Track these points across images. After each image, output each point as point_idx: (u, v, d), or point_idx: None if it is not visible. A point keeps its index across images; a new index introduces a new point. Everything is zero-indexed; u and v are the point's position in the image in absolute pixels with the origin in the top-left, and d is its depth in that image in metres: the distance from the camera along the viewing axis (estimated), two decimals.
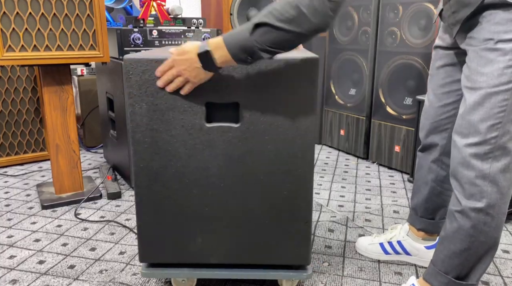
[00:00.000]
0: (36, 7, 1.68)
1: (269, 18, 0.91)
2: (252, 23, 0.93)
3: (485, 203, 1.02)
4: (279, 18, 0.90)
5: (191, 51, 0.99)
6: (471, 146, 1.01)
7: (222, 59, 0.97)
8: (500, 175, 1.00)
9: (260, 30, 0.92)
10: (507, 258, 1.53)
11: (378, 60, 2.48)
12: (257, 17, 0.93)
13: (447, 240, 1.11)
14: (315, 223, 1.77)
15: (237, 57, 0.96)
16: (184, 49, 1.00)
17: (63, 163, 1.95)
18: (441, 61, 1.24)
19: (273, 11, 0.91)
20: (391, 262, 1.49)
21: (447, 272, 1.12)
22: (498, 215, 1.03)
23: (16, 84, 2.38)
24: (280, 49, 0.95)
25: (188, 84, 1.05)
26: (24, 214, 1.86)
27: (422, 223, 1.43)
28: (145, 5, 2.37)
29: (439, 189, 1.36)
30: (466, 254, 1.08)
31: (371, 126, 2.59)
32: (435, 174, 1.35)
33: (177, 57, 1.01)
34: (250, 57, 0.96)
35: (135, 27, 2.15)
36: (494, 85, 0.96)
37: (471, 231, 1.05)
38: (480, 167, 1.01)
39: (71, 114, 1.93)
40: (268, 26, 0.91)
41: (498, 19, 0.95)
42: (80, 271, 1.43)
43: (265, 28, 0.92)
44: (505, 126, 0.97)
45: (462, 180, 1.04)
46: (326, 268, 1.45)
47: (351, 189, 2.18)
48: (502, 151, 0.99)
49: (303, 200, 1.16)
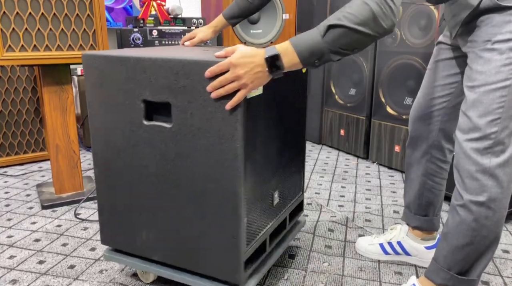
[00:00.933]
0: (36, 7, 1.68)
1: (343, 20, 0.92)
2: (325, 25, 0.94)
3: (486, 197, 1.04)
4: (354, 21, 0.92)
5: (257, 55, 0.96)
6: (471, 141, 1.04)
7: (290, 63, 0.96)
8: (500, 170, 1.03)
9: (334, 32, 0.93)
10: (507, 258, 1.53)
11: (378, 60, 2.48)
12: (329, 20, 0.94)
13: (450, 235, 1.12)
14: (315, 223, 1.77)
15: (306, 61, 0.96)
16: (248, 52, 0.96)
17: (63, 163, 1.95)
18: (442, 55, 1.28)
19: (347, 14, 0.93)
20: (391, 262, 1.49)
21: (449, 268, 1.13)
22: (499, 209, 1.05)
23: (16, 84, 2.38)
24: (350, 50, 0.96)
25: (242, 91, 0.97)
26: (24, 214, 1.86)
27: (416, 221, 1.44)
28: (145, 5, 2.37)
29: (430, 183, 1.37)
30: (468, 249, 1.09)
31: (371, 126, 2.59)
32: (424, 168, 1.37)
33: (238, 60, 0.95)
34: (318, 61, 0.96)
35: (135, 27, 2.15)
36: (492, 82, 1.00)
37: (473, 225, 1.07)
38: (480, 161, 1.03)
39: (71, 114, 1.93)
40: (344, 28, 0.92)
41: (494, 22, 1.00)
42: (80, 271, 1.43)
43: (340, 30, 0.93)
44: (504, 121, 1.01)
45: (463, 174, 1.07)
46: (326, 268, 1.45)
47: (351, 189, 2.18)
48: (502, 146, 1.02)
49: (231, 213, 1.06)
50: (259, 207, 1.18)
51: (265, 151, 1.17)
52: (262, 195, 1.18)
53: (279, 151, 1.26)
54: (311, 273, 1.42)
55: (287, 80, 1.24)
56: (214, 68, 0.98)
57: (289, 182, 1.37)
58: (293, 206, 1.42)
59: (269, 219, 1.25)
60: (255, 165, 1.12)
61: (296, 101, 1.33)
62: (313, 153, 2.82)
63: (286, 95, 1.25)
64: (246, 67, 0.95)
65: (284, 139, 1.29)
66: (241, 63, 0.95)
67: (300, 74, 1.33)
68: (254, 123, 1.08)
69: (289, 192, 1.38)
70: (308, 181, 2.29)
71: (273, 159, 1.23)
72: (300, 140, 1.41)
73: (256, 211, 1.16)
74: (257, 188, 1.15)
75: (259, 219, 1.18)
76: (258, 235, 1.19)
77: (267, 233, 1.23)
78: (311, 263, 1.48)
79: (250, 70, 0.95)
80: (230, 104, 0.98)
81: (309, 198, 2.05)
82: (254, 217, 1.15)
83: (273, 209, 1.27)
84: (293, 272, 1.42)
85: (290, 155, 1.34)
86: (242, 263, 1.10)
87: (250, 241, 1.14)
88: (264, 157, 1.17)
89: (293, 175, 1.39)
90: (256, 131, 1.10)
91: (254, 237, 1.16)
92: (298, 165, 1.43)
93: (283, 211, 1.34)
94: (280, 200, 1.31)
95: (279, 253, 1.33)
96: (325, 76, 2.89)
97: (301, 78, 1.34)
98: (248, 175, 1.07)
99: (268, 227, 1.24)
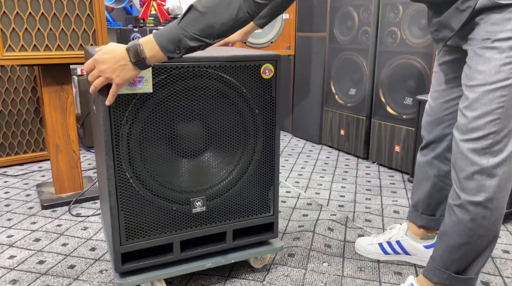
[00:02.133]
0: (36, 7, 1.68)
1: (196, 4, 0.94)
2: (184, 11, 0.96)
3: (483, 197, 1.04)
4: (204, 5, 0.93)
5: (119, 48, 0.98)
6: (469, 141, 1.04)
7: (151, 52, 0.97)
8: (498, 169, 1.02)
9: (188, 16, 0.95)
10: (507, 258, 1.53)
11: (378, 60, 2.48)
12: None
13: (446, 235, 1.12)
14: (315, 222, 1.77)
15: (165, 49, 0.96)
16: (110, 47, 0.98)
17: (63, 162, 1.95)
18: (444, 57, 1.26)
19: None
20: (391, 262, 1.49)
21: (446, 267, 1.13)
22: (497, 209, 1.05)
23: (16, 84, 2.38)
24: (206, 38, 0.96)
25: (113, 86, 1.00)
26: (24, 214, 1.86)
27: (423, 220, 1.43)
28: (145, 5, 2.37)
29: (441, 184, 1.37)
30: (465, 248, 1.09)
31: (371, 126, 2.59)
32: (437, 169, 1.36)
33: (100, 56, 0.98)
34: (178, 48, 0.96)
35: (135, 27, 2.15)
36: (491, 82, 0.99)
37: (470, 225, 1.06)
38: (478, 161, 1.03)
39: (71, 114, 1.93)
40: (195, 11, 0.94)
41: (494, 20, 0.98)
42: (80, 271, 1.43)
43: (192, 13, 0.94)
44: (503, 121, 1.00)
45: (460, 174, 1.06)
46: (326, 268, 1.45)
47: (351, 189, 2.18)
48: (500, 145, 1.01)
49: (109, 205, 1.15)
50: (160, 207, 1.18)
51: (168, 155, 1.17)
52: (168, 197, 1.19)
53: (209, 163, 1.23)
54: (311, 272, 1.42)
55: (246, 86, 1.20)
56: (85, 65, 1.02)
57: (239, 197, 1.29)
58: (247, 224, 1.32)
59: (183, 225, 1.23)
60: (149, 166, 1.15)
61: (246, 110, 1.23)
62: (313, 153, 2.81)
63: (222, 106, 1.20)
64: (109, 62, 0.97)
65: (225, 152, 1.24)
66: (104, 59, 0.97)
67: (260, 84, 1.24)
68: (146, 122, 1.11)
69: (234, 207, 1.29)
70: (308, 181, 2.29)
71: (197, 168, 1.22)
72: (268, 156, 1.29)
73: (149, 209, 1.17)
74: (158, 188, 1.17)
75: (158, 218, 1.19)
76: (150, 233, 1.19)
77: (176, 238, 1.22)
78: (310, 262, 1.48)
79: (112, 64, 0.97)
80: (108, 100, 1.02)
81: (309, 198, 2.05)
82: (145, 214, 1.17)
83: (196, 216, 1.24)
84: (293, 270, 1.42)
85: (239, 171, 1.26)
86: (119, 253, 1.17)
87: (133, 236, 1.18)
88: (169, 161, 1.17)
89: (245, 192, 1.29)
90: (151, 132, 1.13)
91: (142, 234, 1.18)
92: (259, 184, 1.30)
93: (217, 223, 1.28)
94: (212, 211, 1.26)
95: (205, 265, 1.29)
96: (325, 76, 2.89)
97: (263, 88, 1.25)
98: (129, 171, 1.12)
99: (185, 233, 1.24)
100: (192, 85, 1.14)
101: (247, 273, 1.42)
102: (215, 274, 1.41)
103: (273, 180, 1.32)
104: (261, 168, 1.29)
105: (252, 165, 1.27)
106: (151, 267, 1.24)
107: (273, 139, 1.29)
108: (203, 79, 1.15)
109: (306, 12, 2.97)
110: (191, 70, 1.12)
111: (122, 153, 1.10)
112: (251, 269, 1.44)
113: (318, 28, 2.88)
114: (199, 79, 1.14)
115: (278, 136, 1.29)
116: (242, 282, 1.37)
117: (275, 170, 1.31)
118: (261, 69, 1.21)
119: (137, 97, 1.08)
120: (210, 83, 1.16)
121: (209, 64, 1.14)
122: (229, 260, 1.32)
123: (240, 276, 1.40)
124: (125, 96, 1.07)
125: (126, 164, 1.12)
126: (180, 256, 1.25)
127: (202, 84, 1.15)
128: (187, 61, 1.11)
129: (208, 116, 1.19)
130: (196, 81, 1.14)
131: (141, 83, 1.07)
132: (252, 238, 1.35)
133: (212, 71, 1.15)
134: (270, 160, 1.30)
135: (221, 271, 1.43)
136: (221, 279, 1.39)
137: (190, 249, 1.27)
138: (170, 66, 1.10)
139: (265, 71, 1.22)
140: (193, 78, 1.13)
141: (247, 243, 1.35)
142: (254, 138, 1.26)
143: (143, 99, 1.09)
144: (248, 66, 1.19)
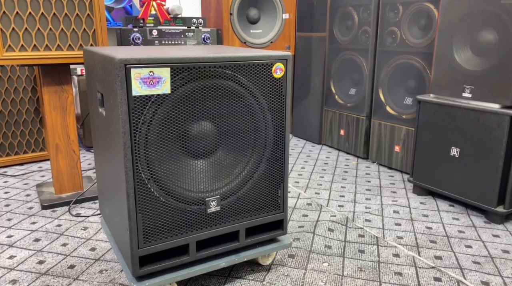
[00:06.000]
0: (36, 7, 1.68)
1: None
2: None
3: None
4: None
5: None
6: None
7: None
8: None
9: None
10: (507, 258, 1.53)
11: (378, 60, 2.48)
12: None
13: None
14: (315, 223, 1.77)
15: None
16: None
17: (63, 163, 1.95)
18: None
19: None
20: (391, 262, 1.49)
21: None
22: None
23: (16, 84, 2.38)
24: None
25: None
26: (24, 214, 1.86)
27: None
28: (145, 5, 2.37)
29: None
30: None
31: (371, 126, 2.59)
32: None
33: None
34: None
35: (135, 27, 2.15)
36: None
37: None
38: None
39: (71, 114, 1.93)
40: None
41: None
42: (80, 271, 1.43)
43: None
44: None
45: None
46: (326, 268, 1.45)
47: (351, 189, 2.18)
48: None
49: (126, 207, 1.15)
50: (176, 208, 1.18)
51: (183, 158, 1.17)
52: (184, 198, 1.18)
53: (221, 162, 1.23)
54: (311, 272, 1.42)
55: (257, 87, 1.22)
56: None
57: (251, 196, 1.30)
58: (259, 222, 1.34)
59: (199, 225, 1.23)
60: (164, 166, 1.14)
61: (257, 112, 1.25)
62: (313, 153, 2.81)
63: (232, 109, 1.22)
64: None
65: (237, 151, 1.25)
66: None
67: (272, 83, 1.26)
68: (162, 123, 1.11)
69: (246, 205, 1.30)
70: (308, 181, 2.29)
71: (211, 168, 1.22)
72: (278, 154, 1.31)
73: (165, 211, 1.16)
74: (174, 189, 1.16)
75: (174, 220, 1.18)
76: (166, 235, 1.18)
77: (192, 238, 1.22)
78: (311, 262, 1.48)
79: None
80: None
81: (309, 198, 2.05)
82: (161, 216, 1.16)
83: (211, 216, 1.24)
84: (293, 270, 1.42)
85: (250, 169, 1.27)
86: (137, 257, 1.15)
87: (150, 238, 1.16)
88: (184, 163, 1.17)
89: (257, 190, 1.31)
90: (167, 133, 1.13)
91: (159, 236, 1.17)
92: (270, 181, 1.32)
93: (230, 222, 1.28)
94: (225, 210, 1.26)
95: (220, 264, 1.29)
96: (325, 76, 2.89)
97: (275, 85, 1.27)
98: (145, 172, 1.11)
99: (200, 233, 1.23)
100: (206, 85, 1.15)
101: (247, 273, 1.42)
102: (215, 274, 1.41)
103: (283, 177, 1.34)
104: (271, 166, 1.31)
105: (263, 163, 1.29)
106: (167, 270, 1.23)
107: (283, 137, 1.31)
108: (217, 79, 1.16)
109: (306, 12, 2.97)
110: (207, 70, 1.14)
111: (140, 155, 1.09)
112: (251, 269, 1.44)
113: (318, 28, 2.88)
114: (213, 79, 1.15)
115: (287, 133, 1.31)
116: (242, 282, 1.37)
117: (285, 167, 1.33)
118: (272, 69, 1.23)
119: (154, 98, 1.07)
120: (224, 83, 1.18)
121: (224, 64, 1.16)
122: (242, 258, 1.33)
123: (240, 276, 1.40)
124: (143, 97, 1.06)
125: (144, 166, 1.11)
126: (196, 257, 1.25)
127: (216, 84, 1.16)
128: (202, 62, 1.12)
129: (221, 115, 1.21)
130: (210, 81, 1.15)
131: (160, 84, 1.06)
132: (263, 235, 1.37)
133: (226, 71, 1.16)
134: (280, 157, 1.31)
135: (221, 271, 1.43)
136: (221, 279, 1.39)
137: (205, 249, 1.28)
138: (187, 67, 1.10)
139: (276, 70, 1.24)
140: (207, 78, 1.15)
141: (259, 240, 1.36)
142: (265, 136, 1.28)
143: (159, 101, 1.08)
144: (261, 65, 1.22)
